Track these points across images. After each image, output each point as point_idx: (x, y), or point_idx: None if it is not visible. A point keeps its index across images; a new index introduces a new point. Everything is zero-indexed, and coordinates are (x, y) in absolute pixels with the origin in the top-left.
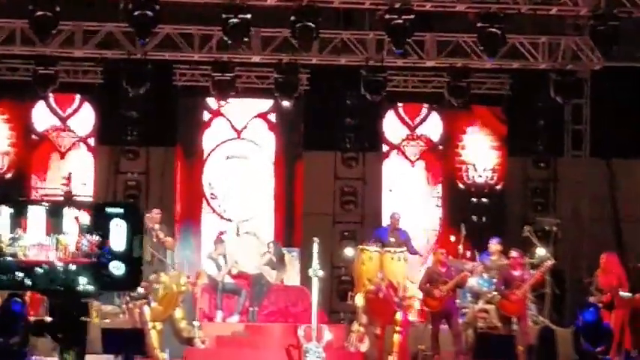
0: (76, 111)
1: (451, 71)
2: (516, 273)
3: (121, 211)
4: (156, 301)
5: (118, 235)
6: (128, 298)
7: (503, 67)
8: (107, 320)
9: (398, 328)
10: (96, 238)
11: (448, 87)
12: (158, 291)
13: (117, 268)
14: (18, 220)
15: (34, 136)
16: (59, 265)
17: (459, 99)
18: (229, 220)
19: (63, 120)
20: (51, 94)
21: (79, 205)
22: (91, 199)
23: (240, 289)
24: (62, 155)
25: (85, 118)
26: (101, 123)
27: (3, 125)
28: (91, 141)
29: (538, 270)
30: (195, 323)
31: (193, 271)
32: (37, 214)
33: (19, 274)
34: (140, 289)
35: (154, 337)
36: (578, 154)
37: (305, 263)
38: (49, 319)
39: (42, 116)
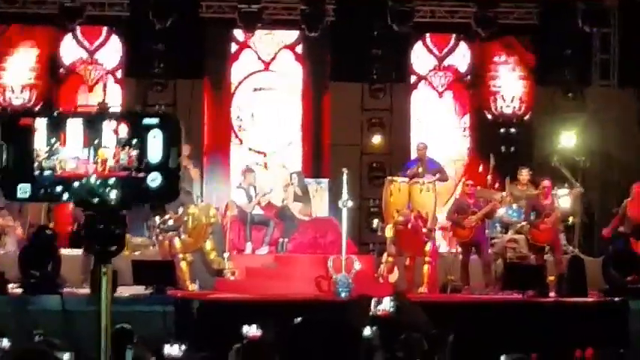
0: (103, 44)
1: (479, 1)
2: (546, 202)
3: (158, 121)
4: (185, 233)
5: (155, 146)
6: (158, 230)
7: None
8: (137, 252)
9: (427, 259)
10: (134, 151)
11: (476, 17)
12: (188, 223)
13: (154, 179)
14: (56, 133)
15: (61, 70)
16: (97, 178)
17: (487, 29)
18: (258, 152)
19: (90, 53)
20: (78, 27)
21: (117, 117)
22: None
23: (268, 220)
24: (90, 88)
25: (112, 51)
26: (128, 56)
27: (30, 59)
28: (119, 74)
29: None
30: (225, 255)
31: (222, 203)
32: (74, 127)
33: (58, 188)
34: (170, 221)
35: (183, 269)
36: (606, 84)
37: (334, 194)
38: (86, 231)
39: (69, 49)
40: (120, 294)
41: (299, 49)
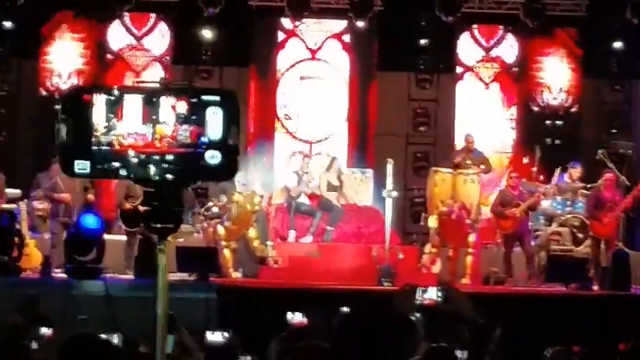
0: (150, 30)
1: None
2: (608, 194)
3: (218, 98)
4: (229, 221)
5: (215, 123)
6: (202, 217)
7: None
8: (181, 239)
9: (470, 250)
10: (193, 127)
11: (524, 8)
12: (232, 210)
13: (213, 156)
14: (114, 108)
15: (109, 55)
16: (155, 154)
17: (535, 20)
18: (303, 140)
19: (138, 39)
20: (126, 13)
21: (176, 93)
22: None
23: (315, 210)
24: (137, 74)
25: (159, 38)
26: (176, 42)
27: (77, 44)
28: (166, 60)
29: (631, 194)
30: (269, 243)
31: (266, 191)
32: (133, 103)
33: (115, 164)
34: (214, 209)
35: (227, 256)
36: None
37: (378, 184)
38: (143, 208)
39: (117, 35)
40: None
41: (346, 38)
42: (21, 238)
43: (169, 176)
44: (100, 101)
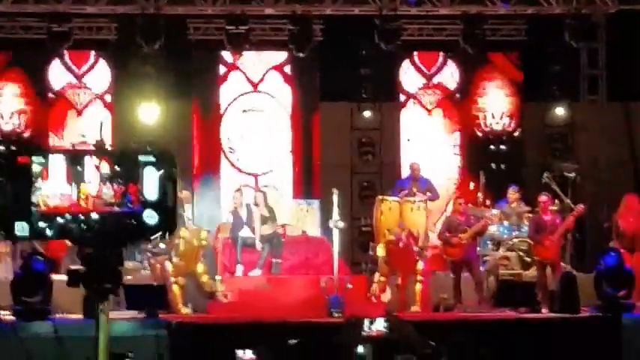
0: (91, 68)
1: (466, 18)
2: (547, 217)
3: (153, 159)
4: (177, 256)
5: (151, 183)
6: (150, 254)
7: (517, 13)
8: (129, 277)
9: (419, 278)
10: (118, 186)
11: (463, 34)
12: (179, 246)
13: (150, 217)
14: (39, 169)
15: (50, 94)
16: (81, 214)
17: (475, 46)
18: (248, 173)
19: (79, 77)
20: (66, 52)
21: (106, 154)
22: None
23: (260, 244)
24: (79, 112)
25: (100, 75)
26: (117, 79)
27: (16, 86)
28: (108, 97)
29: (571, 215)
30: (217, 277)
31: (213, 225)
32: (57, 163)
33: (41, 224)
34: (161, 245)
35: (176, 292)
36: (594, 99)
37: (325, 214)
38: (82, 268)
39: (57, 74)
40: (112, 318)
41: (287, 69)
42: None
43: (104, 238)
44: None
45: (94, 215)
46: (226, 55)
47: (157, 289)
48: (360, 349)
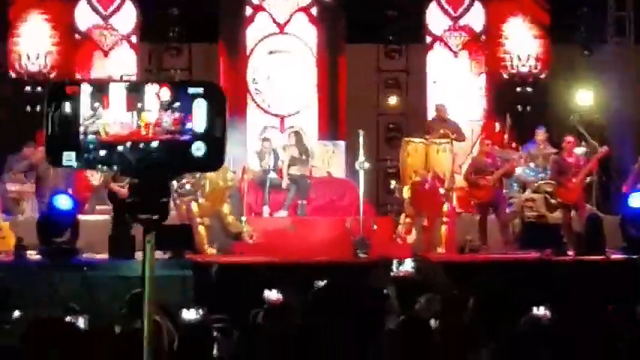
0: (117, 9)
1: None
2: (570, 159)
3: (201, 90)
4: (203, 197)
5: (200, 115)
6: (175, 195)
7: None
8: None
9: (445, 219)
10: (177, 114)
11: None
12: (205, 187)
13: (198, 148)
14: (98, 97)
15: (77, 36)
16: (141, 141)
17: None
18: (274, 114)
19: (105, 18)
20: None
21: (160, 82)
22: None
23: (288, 185)
24: (105, 54)
25: (126, 16)
26: (143, 20)
27: (46, 25)
28: (134, 39)
29: (594, 157)
30: (243, 218)
31: (239, 166)
32: (117, 92)
33: (102, 152)
34: (187, 185)
35: (202, 233)
36: (621, 41)
37: (350, 156)
38: (130, 198)
39: (84, 15)
40: (138, 259)
41: (314, 11)
42: None
43: (155, 168)
44: (84, 91)
45: (154, 143)
46: None
47: (183, 230)
48: (387, 291)
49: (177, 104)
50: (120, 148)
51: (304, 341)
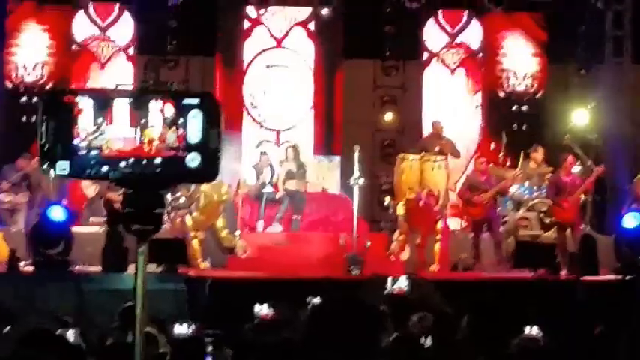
0: (115, 20)
1: None
2: (566, 179)
3: (197, 101)
4: (197, 211)
5: (194, 126)
6: (169, 209)
7: None
8: None
9: (438, 237)
10: (180, 130)
11: None
12: (199, 201)
13: (193, 159)
14: (103, 111)
15: (74, 47)
16: (144, 158)
17: (499, 5)
18: (270, 129)
19: (103, 30)
20: (90, 4)
21: (163, 96)
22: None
23: (282, 198)
24: (102, 65)
25: (124, 28)
26: (140, 33)
27: (43, 35)
28: (131, 51)
29: (590, 177)
30: (237, 233)
31: (234, 181)
32: (121, 106)
33: (104, 168)
34: (182, 199)
35: (195, 247)
36: (619, 61)
37: (346, 172)
38: (123, 209)
39: (82, 26)
40: (131, 272)
41: (311, 25)
42: None
43: (149, 178)
44: (88, 105)
45: (157, 160)
46: (250, 10)
47: (177, 244)
48: (382, 308)
49: (181, 120)
50: (122, 164)
51: (297, 357)
